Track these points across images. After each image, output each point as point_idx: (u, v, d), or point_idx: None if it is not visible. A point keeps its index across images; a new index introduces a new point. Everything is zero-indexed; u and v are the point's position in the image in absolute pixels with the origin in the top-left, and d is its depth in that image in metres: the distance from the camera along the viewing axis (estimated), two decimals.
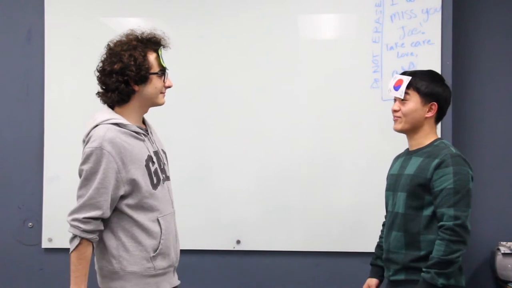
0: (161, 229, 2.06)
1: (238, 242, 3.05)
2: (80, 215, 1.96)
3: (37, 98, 3.12)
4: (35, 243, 3.14)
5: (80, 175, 2.01)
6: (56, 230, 3.08)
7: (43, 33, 3.11)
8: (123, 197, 2.02)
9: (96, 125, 2.00)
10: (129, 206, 2.03)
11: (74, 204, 2.00)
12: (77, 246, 1.97)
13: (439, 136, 2.23)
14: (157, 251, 2.05)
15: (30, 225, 3.15)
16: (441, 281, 1.99)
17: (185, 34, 3.07)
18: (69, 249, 1.99)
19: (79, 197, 1.99)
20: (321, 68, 3.03)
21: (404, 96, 2.14)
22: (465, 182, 2.05)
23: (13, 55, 3.18)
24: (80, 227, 1.96)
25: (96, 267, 2.10)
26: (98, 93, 2.09)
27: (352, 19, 3.06)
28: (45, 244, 3.11)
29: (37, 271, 3.15)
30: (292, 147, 3.03)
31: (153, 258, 2.05)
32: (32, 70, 3.14)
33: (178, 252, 2.21)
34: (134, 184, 2.01)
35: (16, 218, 3.15)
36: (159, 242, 2.06)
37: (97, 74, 2.08)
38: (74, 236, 1.98)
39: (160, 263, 2.07)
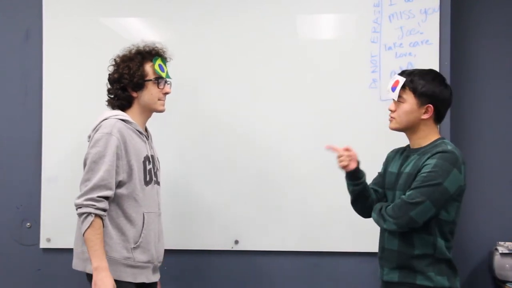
0: (143, 223, 2.23)
1: (237, 242, 3.05)
2: (94, 195, 2.12)
3: (36, 98, 3.11)
4: (33, 243, 3.13)
5: (86, 159, 2.19)
6: (55, 231, 3.08)
7: (41, 33, 3.10)
8: (118, 186, 2.20)
9: (105, 119, 2.23)
10: (122, 195, 2.21)
11: (77, 189, 2.18)
12: (91, 223, 2.11)
13: (441, 135, 2.21)
14: (137, 243, 2.21)
15: (28, 225, 3.14)
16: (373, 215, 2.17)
17: (185, 34, 3.07)
18: (68, 249, 2.05)
19: (86, 180, 2.16)
20: (319, 68, 3.03)
21: (398, 98, 2.14)
22: (438, 177, 2.00)
23: (11, 55, 3.17)
24: (95, 205, 2.12)
25: (76, 251, 2.27)
26: (107, 101, 2.38)
27: (350, 19, 3.06)
28: (43, 245, 3.10)
29: (35, 271, 3.14)
30: (290, 147, 3.03)
31: (133, 249, 2.21)
32: (31, 71, 3.13)
33: (161, 252, 2.38)
34: (130, 173, 2.22)
35: (14, 218, 3.14)
36: (140, 235, 2.22)
37: (108, 85, 2.38)
38: (88, 215, 2.12)
39: (140, 256, 2.23)
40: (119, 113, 2.28)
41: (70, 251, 3.04)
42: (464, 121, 3.17)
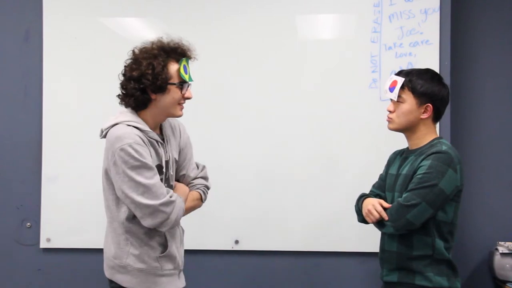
0: (165, 233, 2.11)
1: (237, 242, 3.05)
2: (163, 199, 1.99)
3: (35, 98, 3.12)
4: (33, 243, 3.13)
5: (125, 177, 1.97)
6: (55, 230, 3.08)
7: (41, 33, 3.11)
8: None
9: (116, 123, 2.02)
10: None
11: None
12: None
13: (439, 135, 2.21)
14: (165, 253, 2.10)
15: (28, 225, 3.14)
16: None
17: (184, 34, 3.05)
18: (68, 249, 1.98)
19: (144, 191, 1.96)
20: (319, 68, 3.03)
21: (398, 98, 2.14)
22: (433, 178, 2.00)
23: (11, 55, 3.17)
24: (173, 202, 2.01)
25: (104, 256, 2.16)
26: (118, 95, 2.10)
27: (350, 19, 3.06)
28: (43, 244, 3.10)
29: (35, 271, 3.14)
30: (290, 147, 3.03)
31: (160, 258, 2.10)
32: (30, 70, 3.13)
33: (182, 255, 2.27)
34: None
35: (14, 218, 3.15)
36: (164, 243, 2.11)
37: (120, 77, 2.09)
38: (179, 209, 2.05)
39: (166, 264, 2.13)
40: (133, 119, 2.04)
41: (70, 251, 3.08)
42: (464, 121, 3.17)
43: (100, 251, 2.69)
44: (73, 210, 3.06)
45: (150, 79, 1.99)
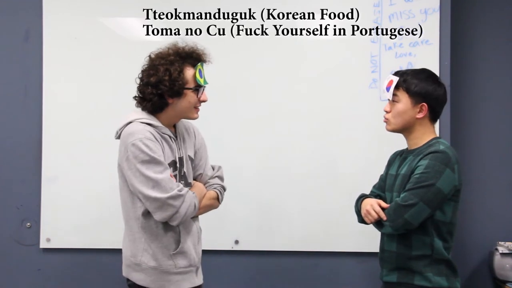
0: (179, 229, 2.13)
1: (237, 242, 3.05)
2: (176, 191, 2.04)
3: (35, 98, 3.11)
4: (33, 243, 3.13)
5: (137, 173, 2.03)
6: (54, 230, 3.08)
7: (41, 33, 3.11)
8: None
9: (130, 122, 2.09)
10: None
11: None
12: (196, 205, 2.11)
13: (438, 135, 2.21)
14: (177, 249, 2.12)
15: (28, 225, 3.14)
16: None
17: (184, 34, 3.07)
18: (68, 249, 1.97)
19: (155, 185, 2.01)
20: (319, 68, 3.03)
21: (393, 97, 2.14)
22: (430, 178, 2.00)
23: (11, 55, 3.17)
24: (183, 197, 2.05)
25: (123, 255, 2.19)
26: (135, 97, 2.17)
27: (350, 19, 3.06)
28: (43, 244, 3.10)
29: (35, 271, 3.14)
30: (290, 147, 3.03)
31: (174, 256, 2.12)
32: (30, 71, 3.13)
33: (200, 252, 2.29)
34: None
35: (14, 218, 3.14)
36: (178, 240, 2.13)
37: (138, 81, 2.16)
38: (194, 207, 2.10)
39: (181, 261, 2.15)
40: (145, 117, 2.11)
41: (70, 251, 3.08)
42: (464, 122, 3.17)
43: (99, 251, 2.70)
44: (73, 210, 3.06)
45: (167, 85, 2.07)
